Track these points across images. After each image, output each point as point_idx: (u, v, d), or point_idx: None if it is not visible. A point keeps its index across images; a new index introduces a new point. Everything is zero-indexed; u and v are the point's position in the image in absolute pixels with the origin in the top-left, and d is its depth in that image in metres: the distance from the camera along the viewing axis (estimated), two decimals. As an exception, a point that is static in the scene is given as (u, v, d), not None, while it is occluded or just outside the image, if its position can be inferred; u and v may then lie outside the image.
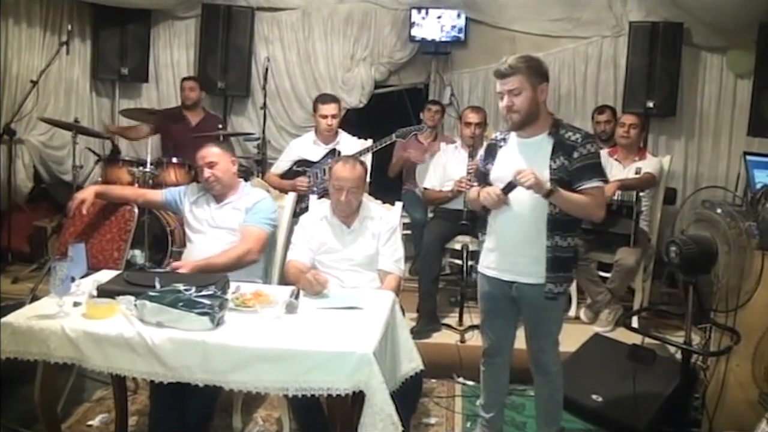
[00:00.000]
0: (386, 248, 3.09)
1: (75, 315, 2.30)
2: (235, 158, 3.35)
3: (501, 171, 2.65)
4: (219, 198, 3.23)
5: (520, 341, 2.85)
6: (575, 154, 2.54)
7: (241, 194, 3.24)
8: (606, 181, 2.64)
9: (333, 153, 4.40)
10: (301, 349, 2.14)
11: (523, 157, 2.61)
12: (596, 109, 5.35)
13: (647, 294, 4.49)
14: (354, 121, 5.70)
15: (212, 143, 3.39)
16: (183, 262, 2.98)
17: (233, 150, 3.82)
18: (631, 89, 5.55)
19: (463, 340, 3.99)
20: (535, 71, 2.56)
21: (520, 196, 2.57)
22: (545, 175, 2.52)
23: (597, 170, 2.59)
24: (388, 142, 4.51)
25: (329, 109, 4.43)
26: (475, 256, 4.32)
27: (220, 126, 5.14)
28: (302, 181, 4.40)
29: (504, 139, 2.73)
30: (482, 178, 2.76)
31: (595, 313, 4.42)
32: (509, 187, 2.53)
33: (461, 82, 6.05)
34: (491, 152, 2.76)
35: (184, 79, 5.55)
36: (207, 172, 3.17)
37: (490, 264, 2.75)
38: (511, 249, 2.66)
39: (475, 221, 4.25)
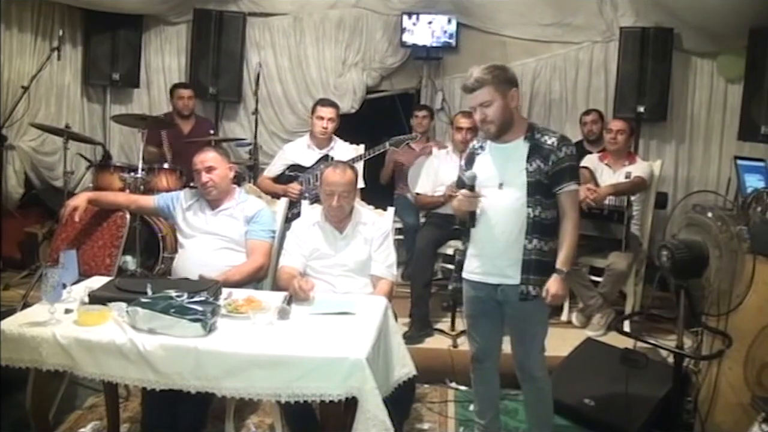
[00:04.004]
0: (378, 253, 3.09)
1: (66, 322, 2.29)
2: (232, 164, 3.34)
3: (480, 177, 2.68)
4: (214, 204, 3.22)
5: (509, 345, 2.84)
6: (552, 158, 2.60)
7: (236, 201, 3.23)
8: (579, 183, 2.70)
9: (326, 159, 4.39)
10: (293, 355, 2.14)
11: (501, 162, 2.67)
12: (584, 112, 5.41)
13: (639, 298, 4.49)
14: (346, 127, 5.69)
15: (209, 147, 3.37)
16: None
17: (229, 156, 3.81)
18: (622, 94, 5.56)
19: (455, 345, 3.99)
20: (502, 79, 2.61)
21: (498, 201, 2.64)
22: (523, 179, 2.59)
23: (573, 173, 2.65)
24: (381, 150, 4.51)
25: (327, 112, 4.43)
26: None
27: (212, 131, 5.11)
28: (294, 188, 4.38)
29: (482, 147, 2.79)
30: (461, 185, 2.76)
31: (586, 317, 4.43)
32: (467, 184, 2.63)
33: (453, 88, 6.04)
34: (470, 160, 2.81)
35: (178, 86, 5.50)
36: (205, 177, 3.15)
37: (474, 269, 2.76)
38: (493, 253, 2.68)
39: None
